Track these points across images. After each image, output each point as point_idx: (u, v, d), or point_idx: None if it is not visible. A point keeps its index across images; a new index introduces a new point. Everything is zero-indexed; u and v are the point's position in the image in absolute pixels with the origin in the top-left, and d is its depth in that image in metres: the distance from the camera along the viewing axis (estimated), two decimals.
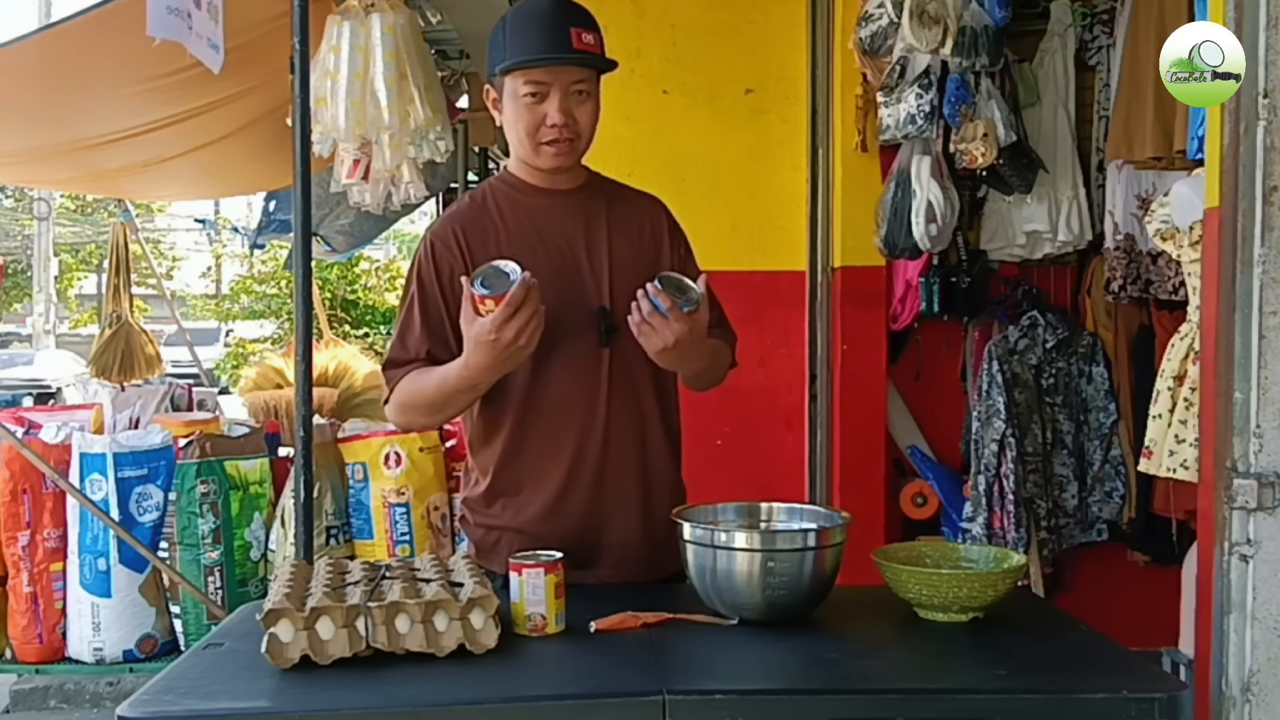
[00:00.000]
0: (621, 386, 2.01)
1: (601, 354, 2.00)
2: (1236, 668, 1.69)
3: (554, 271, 1.98)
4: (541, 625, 1.71)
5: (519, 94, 1.94)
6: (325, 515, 4.02)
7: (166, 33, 2.83)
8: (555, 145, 1.96)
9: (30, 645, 4.02)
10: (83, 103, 4.62)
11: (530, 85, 1.93)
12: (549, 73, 1.93)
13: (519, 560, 1.74)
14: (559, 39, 1.92)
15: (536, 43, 1.93)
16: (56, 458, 4.00)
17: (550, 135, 1.95)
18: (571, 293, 2.00)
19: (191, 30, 2.90)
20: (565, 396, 1.99)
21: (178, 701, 1.47)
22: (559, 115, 1.94)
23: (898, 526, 3.93)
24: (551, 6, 1.95)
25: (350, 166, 4.18)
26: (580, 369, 1.99)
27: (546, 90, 1.93)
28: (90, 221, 21.39)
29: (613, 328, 1.99)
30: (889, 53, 3.36)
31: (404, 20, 3.96)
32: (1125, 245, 3.54)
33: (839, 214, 3.90)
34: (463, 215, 2.06)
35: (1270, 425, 1.68)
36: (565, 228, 2.03)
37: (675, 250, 2.12)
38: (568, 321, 1.98)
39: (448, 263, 2.00)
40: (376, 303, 13.09)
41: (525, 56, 1.92)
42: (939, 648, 1.69)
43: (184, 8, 2.87)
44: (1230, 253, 1.71)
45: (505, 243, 2.00)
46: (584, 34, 1.94)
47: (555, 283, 1.97)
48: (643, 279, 1.96)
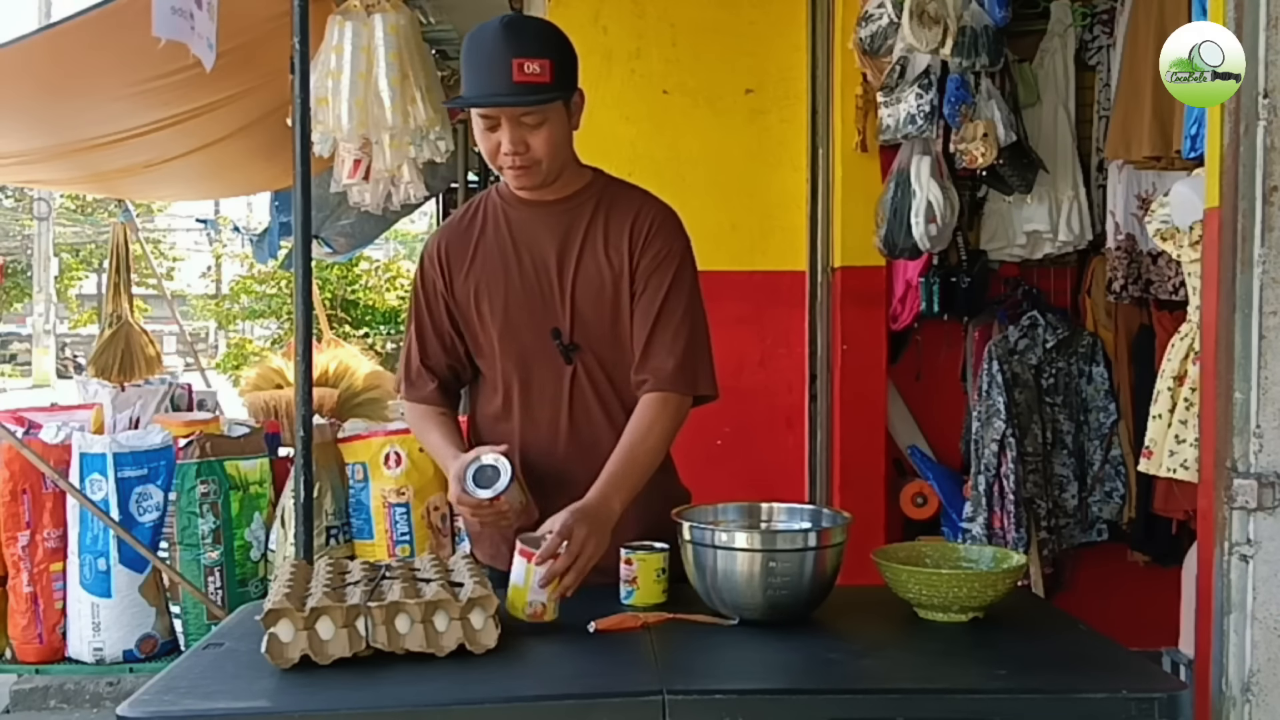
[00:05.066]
0: (582, 406, 2.04)
1: (564, 371, 2.03)
2: (1236, 668, 1.69)
3: (523, 287, 2.03)
4: (540, 613, 1.74)
5: (477, 120, 1.96)
6: (325, 515, 4.02)
7: (171, 33, 2.84)
8: (514, 170, 1.97)
9: (30, 645, 4.02)
10: (83, 103, 4.62)
11: (480, 119, 1.95)
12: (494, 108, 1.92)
13: (526, 546, 1.77)
14: (499, 74, 1.88)
15: (477, 78, 1.92)
16: (56, 458, 4.00)
17: (506, 162, 1.97)
18: (535, 310, 2.03)
19: (194, 30, 2.91)
20: (533, 413, 2.05)
21: (178, 701, 1.47)
22: (509, 145, 1.93)
23: (898, 526, 3.93)
24: (496, 36, 1.90)
25: (351, 167, 4.18)
26: (546, 385, 2.04)
27: (495, 123, 1.93)
28: (90, 221, 21.41)
29: (574, 345, 2.02)
30: (889, 53, 3.36)
31: (406, 20, 3.97)
32: (1126, 245, 3.54)
33: (839, 214, 3.90)
34: (449, 230, 2.12)
35: (1270, 425, 1.68)
36: (541, 242, 2.04)
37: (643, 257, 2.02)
38: (531, 339, 2.03)
39: (431, 279, 2.09)
40: (377, 303, 13.09)
41: (468, 93, 1.94)
42: (939, 648, 1.69)
43: (186, 8, 2.88)
44: (1230, 253, 1.71)
45: (480, 261, 2.06)
46: (527, 64, 1.87)
47: (521, 299, 2.03)
48: (612, 292, 2.00)
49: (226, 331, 17.45)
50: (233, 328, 15.99)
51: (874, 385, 3.91)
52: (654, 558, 1.86)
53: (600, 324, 2.03)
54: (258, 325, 15.04)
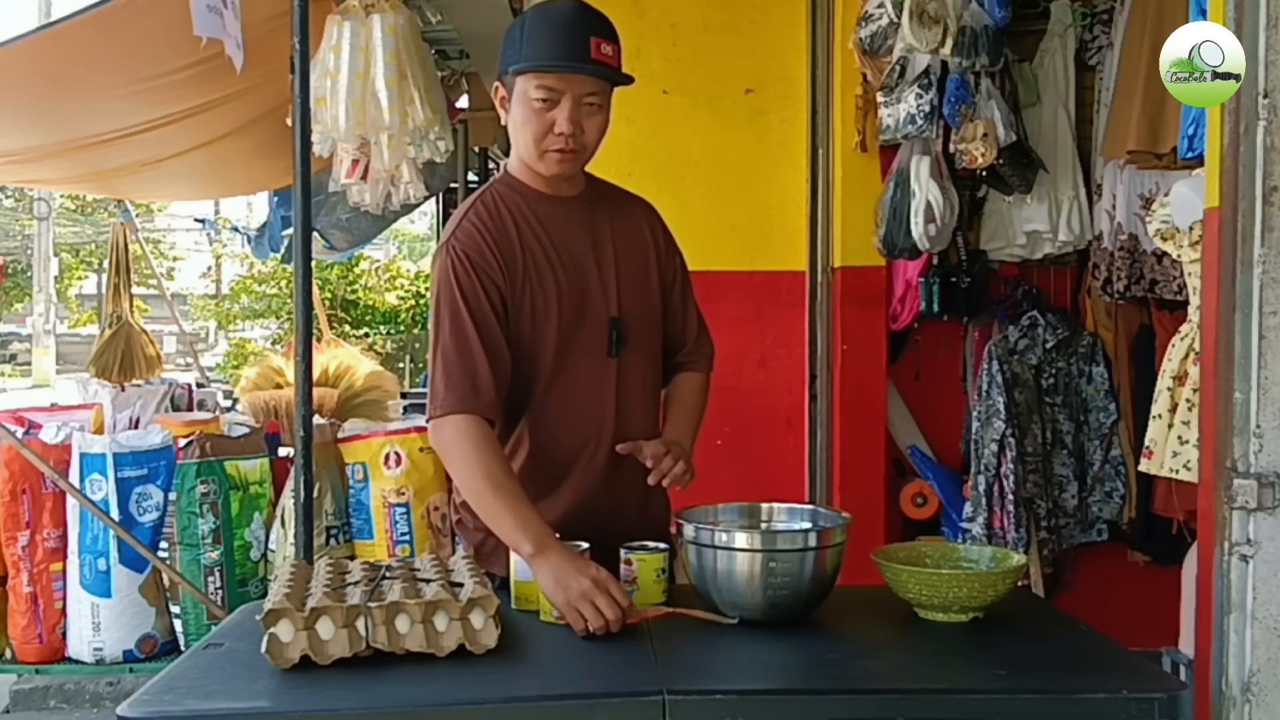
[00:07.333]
0: (627, 397, 2.03)
1: (609, 364, 2.01)
2: (1236, 668, 1.69)
3: (569, 283, 1.99)
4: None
5: (529, 97, 1.91)
6: (325, 515, 4.02)
7: (211, 31, 2.86)
8: (560, 154, 1.94)
9: (30, 645, 4.02)
10: (82, 101, 4.62)
11: (542, 90, 1.90)
12: (562, 80, 1.90)
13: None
14: (578, 47, 1.88)
15: (554, 48, 1.89)
16: (56, 458, 4.00)
17: (557, 144, 1.93)
18: (586, 304, 2.00)
19: (225, 30, 2.93)
20: (575, 406, 2.00)
21: (178, 701, 1.47)
22: (568, 125, 1.91)
23: (898, 526, 3.93)
24: (574, 13, 1.92)
25: (350, 166, 4.18)
26: (590, 379, 2.00)
27: (558, 98, 1.90)
28: (90, 221, 21.40)
29: (622, 338, 2.01)
30: (889, 53, 3.35)
31: (404, 20, 3.96)
32: (1129, 245, 3.54)
33: (839, 214, 3.90)
34: (486, 225, 1.97)
35: (1270, 425, 1.68)
36: (574, 237, 2.02)
37: (669, 258, 2.14)
38: (583, 333, 1.99)
39: (488, 274, 1.93)
40: (377, 303, 13.09)
41: (541, 60, 1.89)
42: (939, 648, 1.69)
43: (218, 6, 2.89)
44: (1230, 253, 1.71)
45: (525, 255, 1.97)
46: (604, 45, 1.90)
47: (572, 295, 1.99)
48: (644, 288, 2.04)
49: (226, 331, 17.46)
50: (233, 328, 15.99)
51: (874, 385, 3.91)
52: (654, 558, 1.86)
53: (642, 316, 2.06)
54: (258, 325, 15.04)
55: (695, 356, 2.19)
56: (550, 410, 1.99)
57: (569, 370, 1.99)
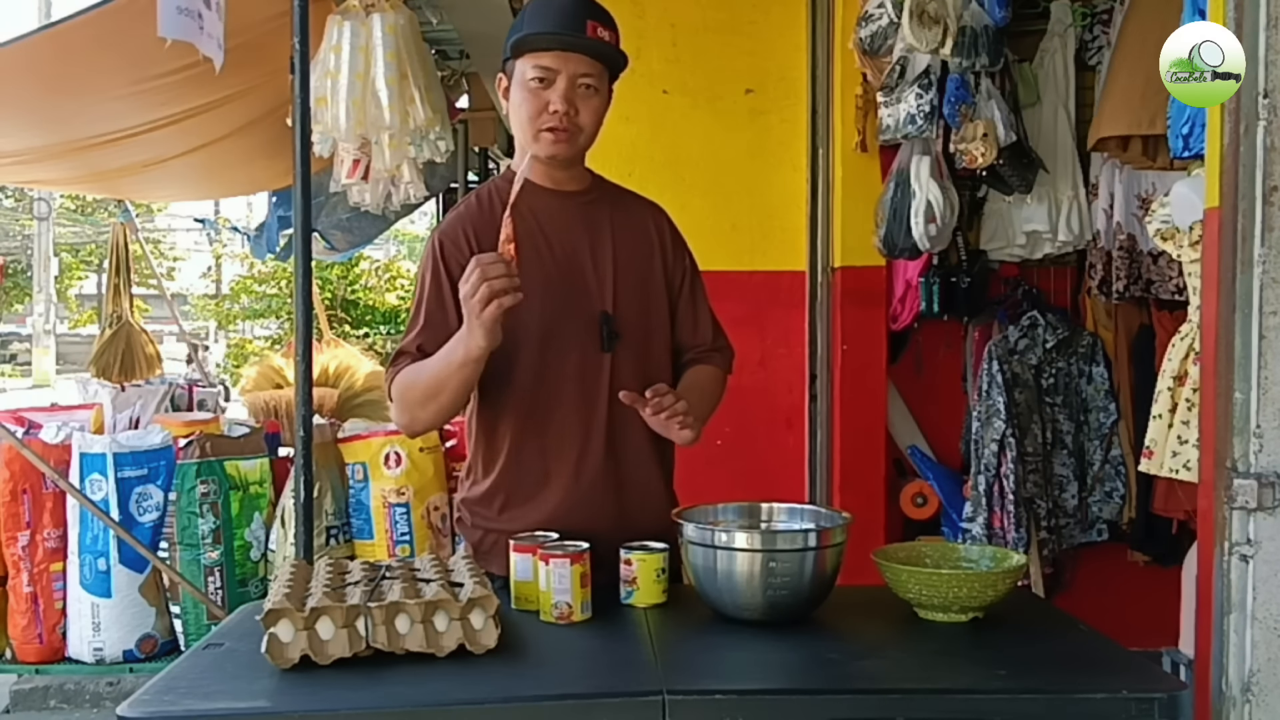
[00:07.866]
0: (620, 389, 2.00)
1: (603, 359, 2.00)
2: (1236, 668, 1.69)
3: (558, 275, 1.99)
4: (568, 613, 1.76)
5: (526, 78, 1.95)
6: (325, 515, 4.02)
7: (177, 33, 2.84)
8: (554, 133, 1.96)
9: (30, 645, 4.03)
10: (83, 102, 4.62)
11: (538, 70, 1.94)
12: (558, 59, 1.93)
13: (547, 550, 1.79)
14: (574, 26, 1.94)
15: (550, 26, 1.94)
16: (56, 458, 4.00)
17: (550, 122, 1.95)
18: (575, 297, 2.00)
19: (203, 30, 2.91)
20: (567, 401, 2.00)
21: (178, 701, 1.47)
22: (562, 103, 1.94)
23: (898, 526, 3.93)
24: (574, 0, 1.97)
25: (350, 166, 4.18)
26: (582, 374, 2.00)
27: (553, 77, 1.94)
28: (90, 221, 21.41)
29: (615, 334, 2.00)
30: (889, 53, 3.35)
31: (404, 20, 3.96)
32: (1127, 245, 3.54)
33: (839, 214, 3.90)
34: (471, 215, 2.03)
35: (1270, 425, 1.68)
36: (570, 231, 2.03)
37: (677, 259, 2.14)
38: (571, 326, 1.98)
39: (458, 262, 1.94)
40: (377, 303, 13.09)
41: (537, 32, 1.94)
42: (939, 648, 1.69)
43: (194, 8, 2.88)
44: (1230, 253, 1.71)
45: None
46: (600, 28, 1.96)
47: (559, 286, 1.98)
48: (644, 286, 2.01)
49: (226, 331, 17.47)
50: (233, 328, 16.00)
51: (874, 385, 3.91)
52: (654, 558, 1.86)
53: (639, 314, 2.05)
54: (258, 325, 15.05)
55: (710, 354, 2.18)
56: (541, 402, 1.99)
57: (556, 361, 1.99)
